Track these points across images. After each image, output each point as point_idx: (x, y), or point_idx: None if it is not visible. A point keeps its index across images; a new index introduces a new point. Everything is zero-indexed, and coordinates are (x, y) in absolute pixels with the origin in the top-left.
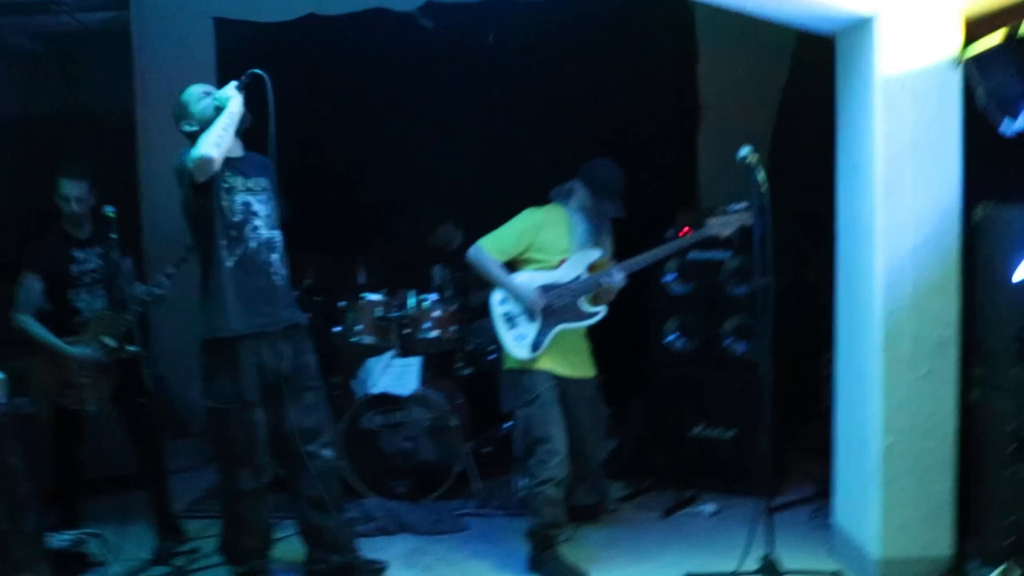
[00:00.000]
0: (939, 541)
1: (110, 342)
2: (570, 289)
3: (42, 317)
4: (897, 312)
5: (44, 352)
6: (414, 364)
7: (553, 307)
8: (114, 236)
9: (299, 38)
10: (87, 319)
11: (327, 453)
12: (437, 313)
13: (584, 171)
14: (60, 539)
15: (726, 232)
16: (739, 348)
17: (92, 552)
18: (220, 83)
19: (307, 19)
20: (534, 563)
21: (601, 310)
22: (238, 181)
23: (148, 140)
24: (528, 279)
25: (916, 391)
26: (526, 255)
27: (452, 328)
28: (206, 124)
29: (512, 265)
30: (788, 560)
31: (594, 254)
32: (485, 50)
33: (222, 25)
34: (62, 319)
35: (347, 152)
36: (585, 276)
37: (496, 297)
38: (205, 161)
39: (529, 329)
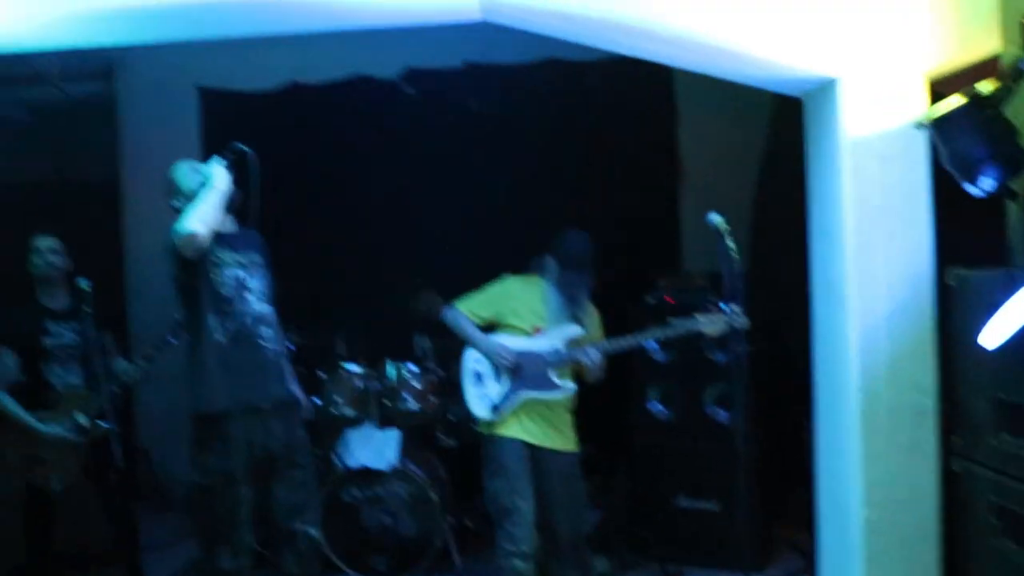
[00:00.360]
0: None
1: (83, 420)
2: (544, 359)
3: (15, 390)
4: (874, 381)
5: (14, 428)
6: (393, 437)
7: (523, 370)
8: (88, 310)
9: (283, 106)
10: (60, 394)
11: (311, 531)
12: (417, 384)
13: (553, 243)
14: None
15: (713, 331)
16: (721, 415)
17: None
18: (205, 151)
19: (290, 88)
20: None
21: (570, 386)
22: (228, 256)
23: (134, 210)
24: (504, 341)
25: (896, 463)
26: (500, 320)
27: (432, 398)
28: (194, 200)
29: (487, 329)
30: None
31: (574, 330)
32: (467, 116)
33: (207, 95)
34: (35, 392)
35: (328, 219)
36: (562, 350)
37: (470, 355)
38: (190, 237)
39: (494, 389)
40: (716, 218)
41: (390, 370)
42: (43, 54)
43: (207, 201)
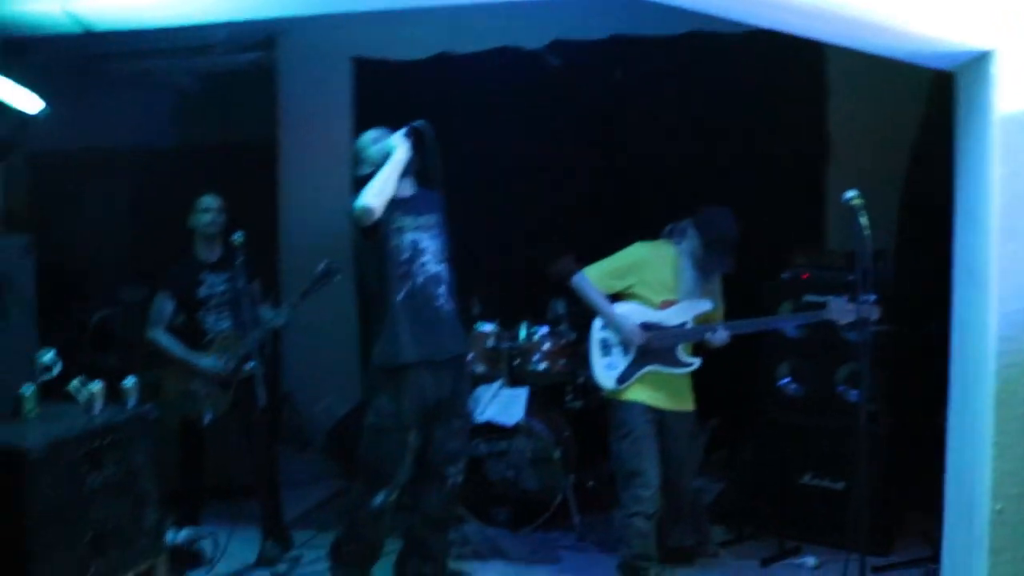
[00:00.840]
0: None
1: (231, 361)
2: (672, 334)
3: (175, 333)
4: (1012, 368)
5: (173, 364)
6: (521, 395)
7: (651, 347)
8: (240, 261)
9: (431, 76)
10: (212, 339)
11: (459, 479)
12: (547, 346)
13: (699, 218)
14: (177, 536)
15: (844, 320)
16: (852, 395)
17: (204, 550)
18: (357, 117)
19: (439, 58)
20: None
21: (696, 361)
22: (407, 221)
23: (288, 172)
24: (631, 312)
25: None
26: (629, 290)
27: (562, 361)
28: (377, 169)
29: (615, 297)
30: None
31: (704, 305)
32: (611, 86)
33: (360, 64)
34: (190, 338)
35: (471, 184)
36: (691, 325)
37: (597, 323)
38: (366, 211)
39: (620, 361)
40: (851, 195)
41: (521, 331)
42: (209, 26)
43: (384, 175)
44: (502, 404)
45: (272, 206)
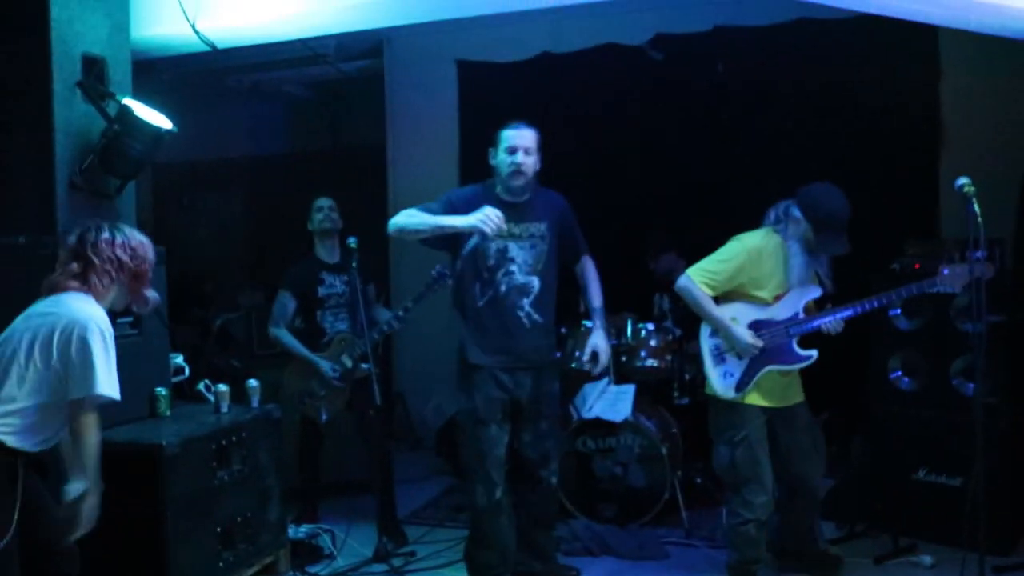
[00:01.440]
0: None
1: (347, 362)
2: (786, 329)
3: (295, 334)
4: None
5: (294, 364)
6: (628, 391)
7: (765, 347)
8: (355, 264)
9: (535, 75)
10: (330, 339)
11: (553, 480)
12: (654, 342)
13: (805, 199)
14: (298, 531)
15: (958, 286)
16: (968, 388)
17: (323, 545)
18: (462, 118)
19: (542, 57)
20: None
21: (814, 353)
22: (504, 229)
23: (397, 174)
24: (739, 314)
25: None
26: (740, 290)
27: (669, 357)
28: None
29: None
30: None
31: (813, 292)
32: (714, 79)
33: (464, 66)
34: (310, 338)
35: (578, 181)
36: (802, 316)
37: (706, 330)
38: (392, 232)
39: (736, 367)
40: (963, 181)
41: (628, 328)
42: (321, 37)
43: (419, 224)
44: (609, 401)
45: (383, 209)
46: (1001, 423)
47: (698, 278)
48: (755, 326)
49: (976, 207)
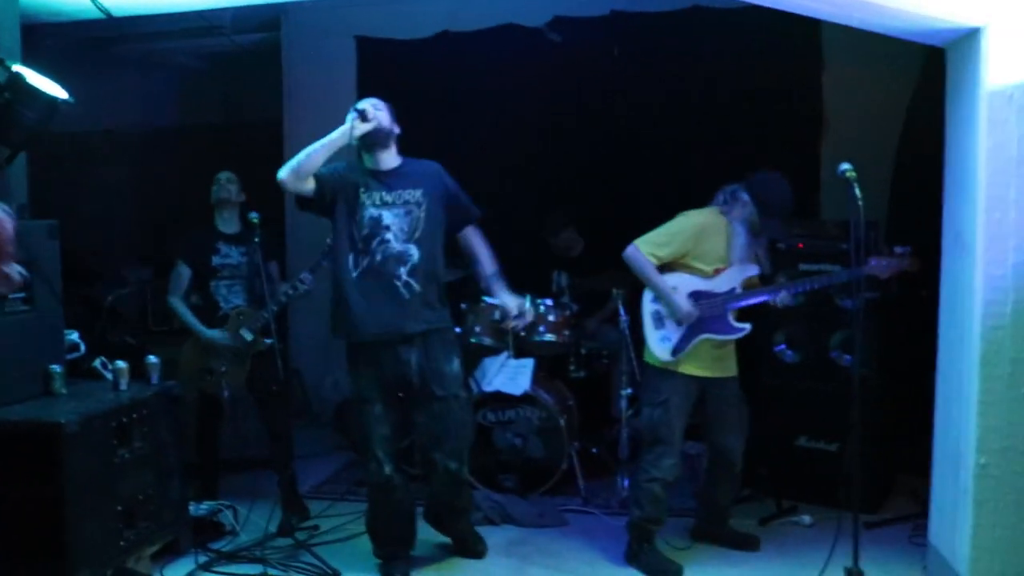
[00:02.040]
0: None
1: (247, 335)
2: (723, 302)
3: (192, 310)
4: (996, 331)
5: (191, 340)
6: (527, 365)
7: (703, 316)
8: (257, 239)
9: (434, 54)
10: (225, 313)
11: (451, 464)
12: (552, 317)
13: (755, 185)
14: (199, 508)
15: (885, 275)
16: (845, 360)
17: (226, 522)
18: (361, 95)
19: (442, 36)
20: (631, 555)
21: (747, 327)
22: (373, 196)
23: (293, 150)
24: (681, 283)
25: (1013, 412)
26: (681, 260)
27: (566, 332)
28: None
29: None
30: (879, 575)
31: (751, 270)
32: (610, 62)
33: (363, 43)
34: (205, 312)
35: (475, 160)
36: (739, 291)
37: (648, 296)
38: (279, 181)
39: (674, 332)
40: (846, 166)
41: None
42: (217, 8)
43: (307, 150)
44: (509, 375)
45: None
46: (873, 393)
47: (644, 248)
48: (695, 296)
49: (858, 191)
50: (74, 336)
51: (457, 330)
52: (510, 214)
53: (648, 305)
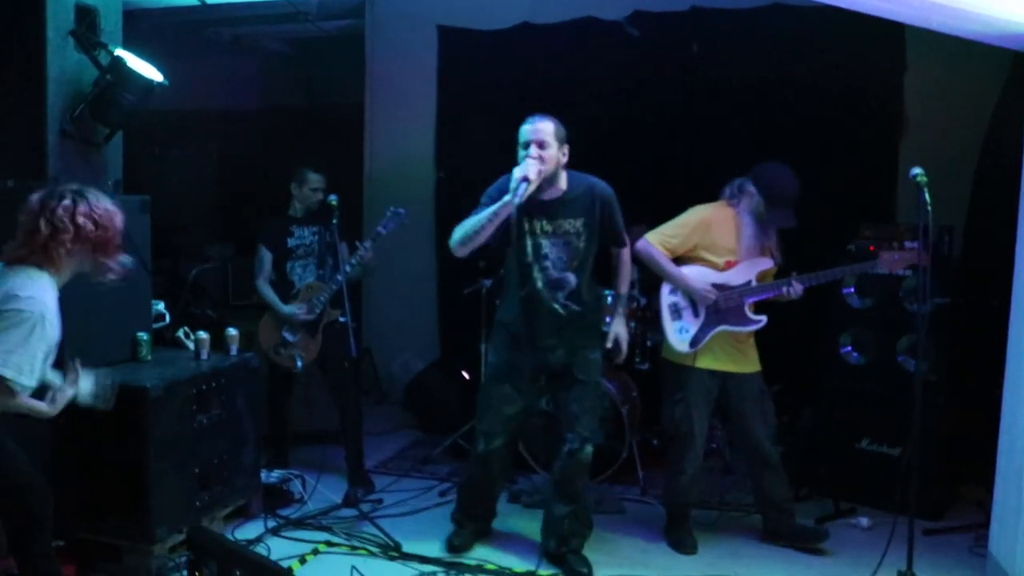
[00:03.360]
0: None
1: (318, 305)
2: (740, 294)
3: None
4: None
5: (267, 315)
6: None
7: (720, 307)
8: (335, 222)
9: (514, 45)
10: (298, 290)
11: (576, 447)
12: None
13: (759, 175)
14: (270, 476)
15: (896, 269)
16: (911, 366)
17: (294, 490)
18: (441, 83)
19: (521, 27)
20: (667, 530)
21: (763, 319)
22: (536, 225)
23: (374, 133)
24: (698, 275)
25: None
26: (692, 253)
27: (632, 324)
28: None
29: (676, 260)
30: None
31: (765, 263)
32: (689, 58)
33: (445, 32)
34: (282, 290)
35: None
36: (754, 283)
37: (665, 288)
38: (456, 247)
39: (692, 324)
40: (917, 171)
41: None
42: None
43: (477, 227)
44: None
45: (358, 168)
46: (939, 399)
47: (655, 240)
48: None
49: (927, 196)
50: (160, 306)
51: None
52: None
53: (666, 297)
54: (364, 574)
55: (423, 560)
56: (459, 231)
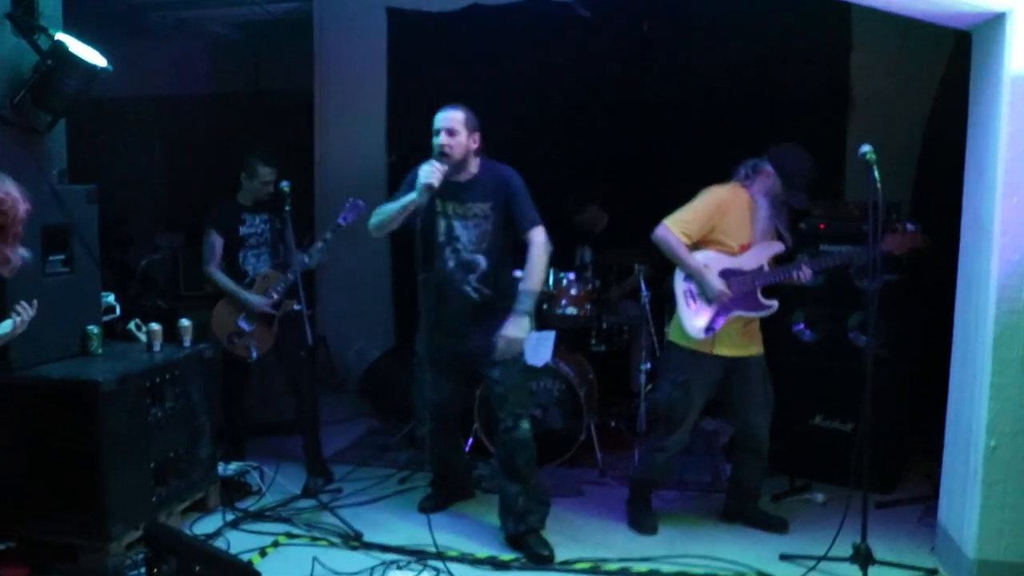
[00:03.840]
0: None
1: (275, 296)
2: (752, 279)
3: None
4: (1011, 315)
5: (220, 304)
6: (549, 337)
7: (734, 295)
8: (288, 208)
9: (463, 27)
10: (253, 279)
11: (512, 424)
12: (574, 291)
13: (776, 157)
14: (227, 468)
15: (900, 251)
16: (862, 341)
17: (252, 482)
18: (391, 66)
19: (471, 9)
20: (629, 509)
21: (775, 303)
22: (449, 207)
23: (325, 118)
24: (710, 260)
25: None
26: (708, 237)
27: (588, 306)
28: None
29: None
30: (887, 554)
31: (777, 247)
32: (639, 38)
33: (394, 14)
34: (234, 280)
35: (501, 133)
36: (767, 268)
37: (680, 274)
38: (374, 231)
39: (706, 309)
40: (866, 148)
41: (551, 277)
42: None
43: (392, 215)
44: (531, 346)
45: (307, 154)
46: (889, 374)
47: (675, 228)
48: (725, 274)
49: (877, 173)
50: (110, 298)
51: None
52: (535, 187)
53: (680, 284)
54: (326, 565)
55: (385, 549)
56: (375, 217)
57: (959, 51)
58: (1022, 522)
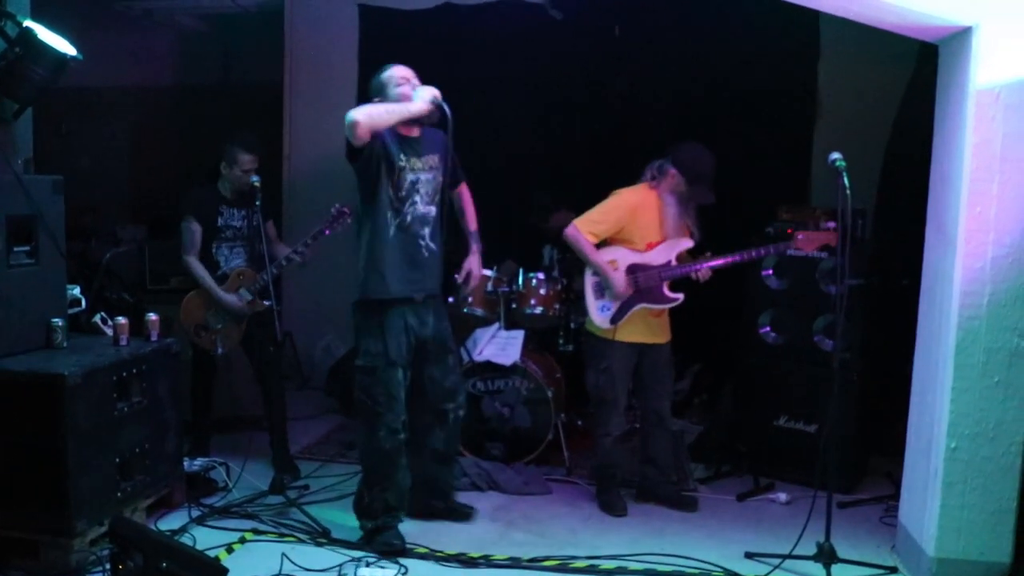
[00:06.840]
0: (998, 547)
1: (246, 295)
2: (658, 274)
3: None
4: (972, 320)
5: (190, 297)
6: (518, 337)
7: (639, 287)
8: (259, 202)
9: (435, 25)
10: (225, 273)
11: (460, 413)
12: (543, 291)
13: (677, 156)
14: (193, 464)
15: (810, 249)
16: (827, 344)
17: (218, 478)
18: (361, 62)
19: (444, 7)
20: (598, 494)
21: (680, 296)
22: (412, 161)
23: (294, 113)
24: (621, 256)
25: (984, 398)
26: (617, 236)
27: (556, 306)
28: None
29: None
30: (849, 552)
31: (685, 243)
32: (610, 41)
33: (366, 11)
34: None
35: (472, 133)
36: (674, 263)
37: (589, 269)
38: (350, 124)
39: (612, 302)
40: (836, 156)
41: (519, 277)
42: None
43: (388, 109)
44: (499, 345)
45: (276, 148)
46: (854, 377)
47: (584, 228)
48: (632, 269)
49: (846, 180)
50: (76, 291)
51: (450, 300)
52: (504, 187)
53: (589, 276)
54: (295, 561)
55: (352, 546)
56: (367, 108)
57: (924, 62)
58: (980, 521)
